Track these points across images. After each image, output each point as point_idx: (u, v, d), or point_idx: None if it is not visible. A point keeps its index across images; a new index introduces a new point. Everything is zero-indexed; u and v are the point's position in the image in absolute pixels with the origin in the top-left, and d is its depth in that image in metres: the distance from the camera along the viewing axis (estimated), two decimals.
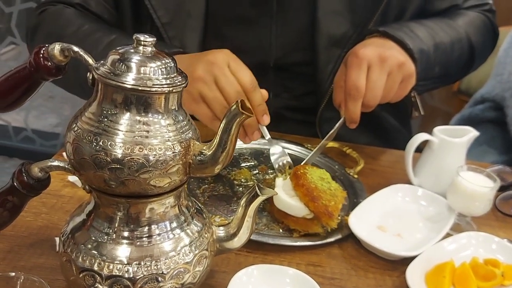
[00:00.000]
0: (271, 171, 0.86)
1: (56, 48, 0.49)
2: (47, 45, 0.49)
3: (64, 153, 0.81)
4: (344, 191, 0.75)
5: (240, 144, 0.90)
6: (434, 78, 0.91)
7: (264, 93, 0.74)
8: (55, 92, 2.47)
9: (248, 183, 0.82)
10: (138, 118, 0.47)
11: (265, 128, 0.78)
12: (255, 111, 0.72)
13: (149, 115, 0.47)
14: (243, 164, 0.87)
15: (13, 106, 0.54)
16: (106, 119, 0.47)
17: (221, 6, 0.91)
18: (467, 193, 0.72)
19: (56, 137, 2.43)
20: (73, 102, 2.33)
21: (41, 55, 0.49)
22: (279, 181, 0.77)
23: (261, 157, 0.91)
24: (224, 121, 0.49)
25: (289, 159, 0.84)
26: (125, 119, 0.47)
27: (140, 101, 0.46)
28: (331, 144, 0.93)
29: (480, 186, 0.72)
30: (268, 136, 0.80)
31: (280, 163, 0.84)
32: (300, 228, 0.71)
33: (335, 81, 0.85)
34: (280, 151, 0.85)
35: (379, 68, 0.77)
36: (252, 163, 0.88)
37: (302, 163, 0.82)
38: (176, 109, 0.49)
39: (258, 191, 0.54)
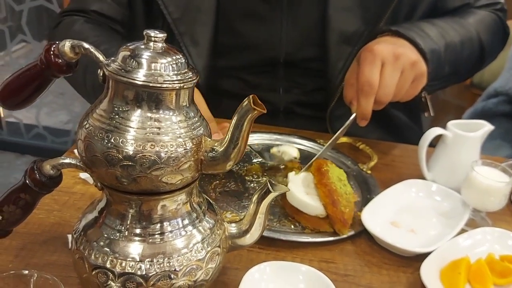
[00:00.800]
0: (283, 166, 0.86)
1: (67, 45, 0.49)
2: (57, 42, 0.49)
3: (75, 150, 0.81)
4: (355, 196, 0.75)
5: (251, 139, 0.90)
6: (444, 77, 0.90)
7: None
8: (66, 89, 2.49)
9: (260, 179, 0.82)
10: (149, 114, 0.46)
11: None
12: None
13: (160, 112, 0.47)
14: (254, 160, 0.87)
15: (25, 103, 0.54)
16: (117, 116, 0.46)
17: (232, 1, 0.91)
18: (482, 188, 0.71)
19: (67, 134, 2.45)
20: (83, 99, 2.34)
21: (51, 52, 0.49)
22: (292, 175, 0.76)
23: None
24: (236, 117, 0.48)
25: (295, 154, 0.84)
26: (136, 116, 0.46)
27: (151, 97, 0.46)
28: (344, 139, 0.93)
29: (495, 181, 0.71)
30: None
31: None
32: (311, 226, 0.70)
33: (346, 78, 0.84)
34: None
35: (392, 65, 0.77)
36: (264, 160, 0.88)
37: (313, 159, 0.81)
38: (188, 105, 0.49)
39: (270, 187, 0.53)
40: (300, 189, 0.73)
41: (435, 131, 0.79)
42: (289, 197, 0.72)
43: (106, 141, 0.46)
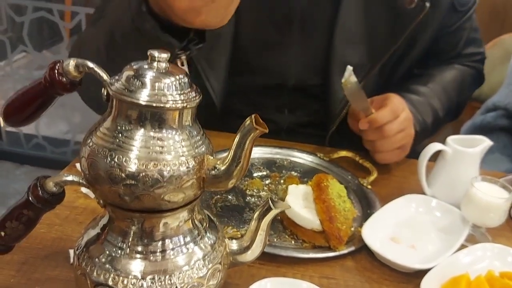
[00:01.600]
0: (283, 180, 0.86)
1: (71, 64, 0.49)
2: (62, 61, 0.50)
3: (77, 164, 0.82)
4: (355, 211, 0.75)
5: (252, 153, 0.90)
6: (427, 136, 1.01)
7: None
8: (66, 100, 2.50)
9: (260, 193, 0.82)
10: (152, 134, 0.47)
11: None
12: None
13: (163, 131, 0.47)
14: (255, 174, 0.87)
15: (28, 120, 0.54)
16: (120, 135, 0.47)
17: (248, 28, 0.94)
18: (482, 204, 0.72)
19: (66, 144, 2.45)
20: (83, 109, 2.34)
21: (56, 71, 0.49)
22: (292, 188, 0.77)
23: (274, 166, 0.90)
24: (238, 136, 0.48)
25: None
26: (139, 135, 0.47)
27: (154, 117, 0.47)
28: (343, 153, 0.93)
29: (495, 197, 0.71)
30: None
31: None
32: (307, 239, 0.71)
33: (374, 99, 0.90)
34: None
35: (398, 126, 0.86)
36: (264, 173, 0.88)
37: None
38: (190, 124, 0.50)
39: (271, 204, 0.54)
40: (299, 202, 0.73)
41: (434, 147, 0.80)
42: (284, 205, 0.72)
43: (109, 159, 0.46)
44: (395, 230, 0.74)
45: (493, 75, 1.21)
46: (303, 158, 0.93)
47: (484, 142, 0.79)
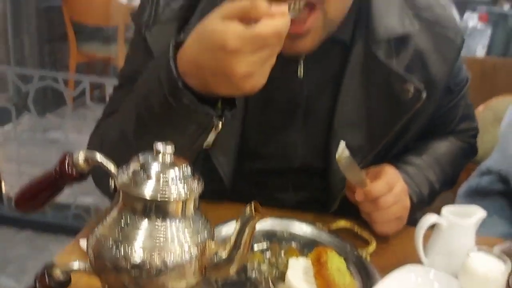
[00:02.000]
0: (283, 252, 0.87)
1: (81, 157, 0.52)
2: (71, 154, 0.53)
3: (80, 240, 0.83)
4: (355, 285, 0.76)
5: None
6: (423, 207, 1.01)
7: None
8: None
9: (261, 267, 0.83)
10: (157, 224, 0.49)
11: None
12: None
13: (167, 221, 0.50)
14: (255, 247, 0.88)
15: (38, 207, 0.57)
16: (126, 226, 0.49)
17: (255, 114, 0.95)
18: (479, 277, 0.73)
19: (67, 207, 2.45)
20: None
21: (66, 164, 0.53)
22: (292, 261, 0.78)
23: (274, 238, 0.92)
24: (238, 223, 0.51)
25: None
26: (144, 226, 0.49)
27: (159, 209, 0.49)
28: (342, 223, 0.95)
29: (491, 270, 0.72)
30: None
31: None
32: None
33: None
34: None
35: (400, 199, 0.88)
36: (265, 245, 0.89)
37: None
38: (193, 212, 0.52)
39: (272, 287, 0.55)
40: (299, 276, 0.74)
41: (430, 219, 0.82)
42: (287, 284, 0.73)
43: (115, 250, 0.48)
44: None
45: (486, 137, 1.25)
46: (302, 229, 0.94)
47: (478, 213, 0.81)
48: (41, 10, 3.52)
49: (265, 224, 0.95)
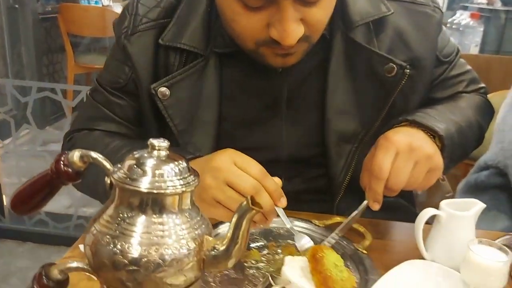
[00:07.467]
0: (280, 250, 0.87)
1: (76, 155, 0.52)
2: (67, 152, 0.53)
3: (80, 245, 0.83)
4: (354, 280, 0.75)
5: None
6: (456, 160, 0.95)
7: (277, 180, 0.77)
8: None
9: (258, 264, 0.83)
10: (153, 219, 0.49)
11: (285, 216, 0.82)
12: (272, 197, 0.75)
13: (163, 215, 0.50)
14: (252, 245, 0.88)
15: (35, 209, 0.57)
16: (123, 222, 0.49)
17: (232, 111, 0.96)
18: (481, 269, 0.72)
19: (69, 218, 2.45)
20: None
21: (61, 163, 0.53)
22: (288, 259, 0.78)
23: (270, 235, 0.92)
24: (235, 217, 0.51)
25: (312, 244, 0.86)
26: (141, 221, 0.49)
27: (155, 202, 0.49)
28: (337, 219, 0.95)
29: (493, 261, 0.72)
30: (289, 224, 0.84)
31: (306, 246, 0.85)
32: None
33: (364, 163, 0.87)
34: (307, 241, 0.86)
35: (406, 156, 0.80)
36: (262, 243, 0.89)
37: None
38: (190, 207, 0.52)
39: (271, 281, 0.55)
40: (296, 273, 0.74)
41: (428, 212, 0.82)
42: (284, 281, 0.72)
43: (112, 246, 0.48)
44: None
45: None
46: (298, 225, 0.94)
47: (477, 205, 0.81)
48: (37, 22, 3.55)
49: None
